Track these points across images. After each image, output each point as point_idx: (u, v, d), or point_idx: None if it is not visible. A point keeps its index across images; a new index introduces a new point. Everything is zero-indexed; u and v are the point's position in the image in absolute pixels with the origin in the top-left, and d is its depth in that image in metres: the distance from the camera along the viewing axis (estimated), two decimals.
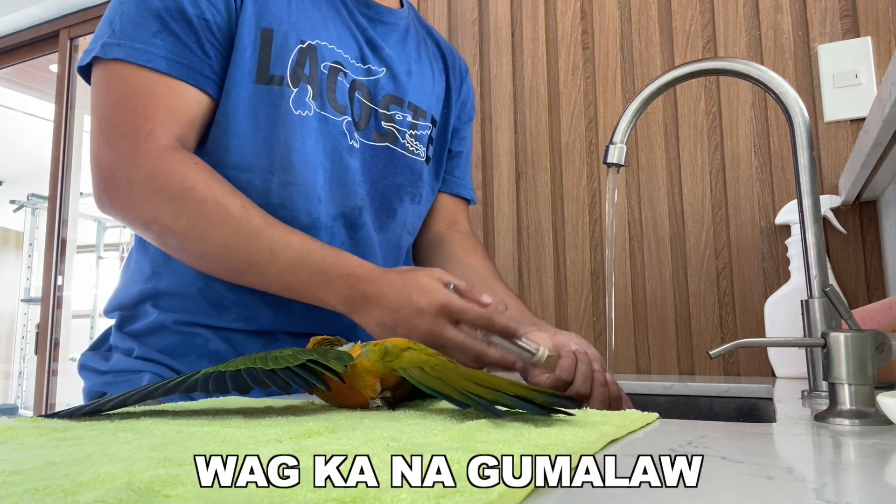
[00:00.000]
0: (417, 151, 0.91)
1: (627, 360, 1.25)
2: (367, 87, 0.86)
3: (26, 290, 4.72)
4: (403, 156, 0.89)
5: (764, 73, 0.73)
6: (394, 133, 0.88)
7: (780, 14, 1.20)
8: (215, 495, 0.24)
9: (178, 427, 0.42)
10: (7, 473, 0.28)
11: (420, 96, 0.92)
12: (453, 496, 0.24)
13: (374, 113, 0.86)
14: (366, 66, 0.86)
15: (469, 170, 1.05)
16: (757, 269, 1.17)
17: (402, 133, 0.89)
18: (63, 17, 2.31)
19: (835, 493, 0.26)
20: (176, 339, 0.78)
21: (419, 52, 0.95)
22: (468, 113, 1.04)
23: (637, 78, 1.31)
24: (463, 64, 1.04)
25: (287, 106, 0.77)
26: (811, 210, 0.69)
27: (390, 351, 0.51)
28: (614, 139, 0.80)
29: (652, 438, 0.40)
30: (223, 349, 0.78)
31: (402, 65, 0.90)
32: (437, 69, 0.97)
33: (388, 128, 0.88)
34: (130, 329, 0.80)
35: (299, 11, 0.81)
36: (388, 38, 0.90)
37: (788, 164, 1.17)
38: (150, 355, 0.78)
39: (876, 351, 0.46)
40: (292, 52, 0.78)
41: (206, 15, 0.75)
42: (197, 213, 0.69)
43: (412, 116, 0.90)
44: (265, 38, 0.77)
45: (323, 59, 0.81)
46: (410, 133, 0.90)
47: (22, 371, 4.81)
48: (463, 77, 1.02)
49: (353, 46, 0.85)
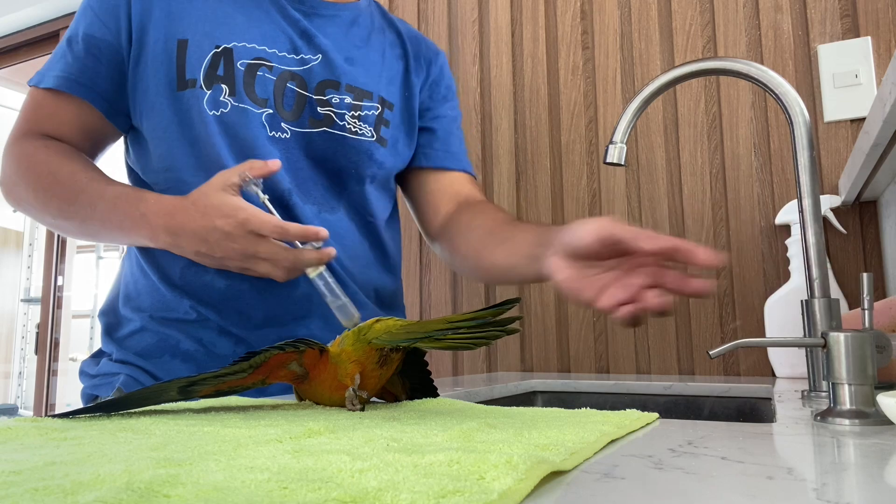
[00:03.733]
0: (361, 132, 0.91)
1: (627, 360, 1.25)
2: (300, 76, 0.89)
3: (26, 290, 4.71)
4: (344, 137, 0.90)
5: (764, 73, 0.73)
6: (331, 116, 0.90)
7: (780, 14, 1.20)
8: (215, 495, 0.24)
9: (178, 427, 0.42)
10: (7, 473, 0.28)
11: (363, 79, 0.93)
12: (453, 496, 0.24)
13: (308, 101, 0.89)
14: (298, 56, 0.89)
15: (454, 143, 1.03)
16: (757, 269, 1.17)
17: (341, 115, 0.90)
18: (63, 17, 2.31)
19: (835, 493, 0.26)
20: (151, 342, 0.84)
21: (367, 40, 0.96)
22: (441, 93, 1.03)
23: (637, 78, 1.31)
24: (432, 50, 1.04)
25: (202, 107, 0.85)
26: (811, 210, 0.69)
27: (362, 328, 0.54)
28: (614, 139, 0.80)
29: (652, 438, 0.40)
30: (193, 349, 0.83)
31: (341, 51, 0.92)
32: (391, 55, 0.98)
33: (324, 112, 0.90)
34: (114, 334, 0.87)
35: (216, 19, 0.88)
36: (326, 28, 0.92)
37: (788, 164, 1.17)
38: (127, 358, 0.84)
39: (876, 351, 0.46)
40: (206, 57, 0.85)
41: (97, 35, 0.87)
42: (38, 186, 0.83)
43: (353, 98, 0.91)
44: (180, 48, 0.86)
45: (240, 58, 0.87)
46: (351, 115, 0.91)
47: (22, 371, 4.81)
48: (431, 60, 1.02)
49: (282, 40, 0.89)
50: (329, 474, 0.27)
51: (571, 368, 1.29)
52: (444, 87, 1.04)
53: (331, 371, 0.54)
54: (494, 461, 0.29)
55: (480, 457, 0.30)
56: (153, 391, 0.50)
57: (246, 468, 0.29)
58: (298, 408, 0.55)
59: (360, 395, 0.53)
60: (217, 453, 0.33)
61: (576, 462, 0.32)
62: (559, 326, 1.31)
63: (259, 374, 0.53)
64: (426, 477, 0.27)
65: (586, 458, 0.34)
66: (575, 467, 0.32)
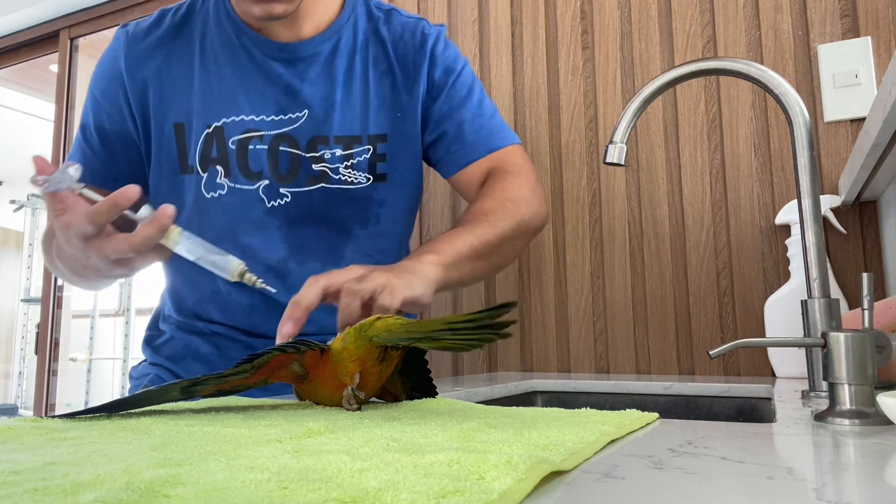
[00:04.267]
0: (357, 180, 0.92)
1: (627, 360, 1.25)
2: (290, 136, 0.90)
3: (26, 290, 4.71)
4: (343, 190, 0.91)
5: (764, 73, 0.73)
6: (325, 172, 0.91)
7: (780, 14, 1.20)
8: (215, 495, 0.24)
9: (178, 427, 0.42)
10: (7, 473, 0.28)
11: (349, 123, 0.91)
12: (453, 496, 0.24)
13: (301, 161, 0.90)
14: (286, 116, 0.90)
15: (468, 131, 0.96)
16: (757, 269, 1.17)
17: (335, 169, 0.91)
18: (63, 17, 2.31)
19: (835, 493, 0.26)
20: (178, 347, 0.95)
21: (349, 71, 0.93)
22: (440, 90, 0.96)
23: (637, 78, 1.31)
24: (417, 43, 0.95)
25: (200, 191, 0.89)
26: (811, 210, 0.69)
27: (363, 325, 0.55)
28: (614, 139, 0.80)
29: (652, 438, 0.40)
30: (210, 353, 0.93)
31: (324, 99, 0.91)
32: (376, 76, 0.94)
33: (319, 168, 0.91)
34: (151, 344, 0.99)
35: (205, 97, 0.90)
36: (308, 73, 0.91)
37: (788, 164, 1.17)
38: (158, 361, 0.96)
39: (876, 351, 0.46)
40: (199, 141, 0.89)
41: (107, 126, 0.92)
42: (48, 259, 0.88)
43: (343, 148, 0.91)
44: (178, 131, 0.90)
45: (231, 136, 0.89)
46: (344, 166, 0.91)
47: (22, 371, 4.81)
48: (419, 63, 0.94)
49: (268, 104, 0.90)
50: (329, 474, 0.27)
51: (571, 368, 1.29)
52: (440, 79, 0.96)
53: (331, 370, 0.54)
54: (494, 461, 0.29)
55: (480, 457, 0.30)
56: (156, 392, 0.50)
57: (246, 468, 0.29)
58: (298, 408, 0.55)
59: (357, 394, 0.53)
60: (217, 453, 0.33)
61: (576, 462, 0.32)
62: (559, 326, 1.31)
63: (261, 374, 0.53)
64: (426, 477, 0.27)
65: (586, 458, 0.34)
66: (575, 467, 0.32)
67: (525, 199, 0.93)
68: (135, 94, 0.91)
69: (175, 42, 0.92)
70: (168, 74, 0.91)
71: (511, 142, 0.99)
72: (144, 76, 0.91)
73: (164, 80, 0.91)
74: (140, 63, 0.91)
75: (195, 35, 0.92)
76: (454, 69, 0.97)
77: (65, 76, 2.30)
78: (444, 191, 1.46)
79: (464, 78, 0.98)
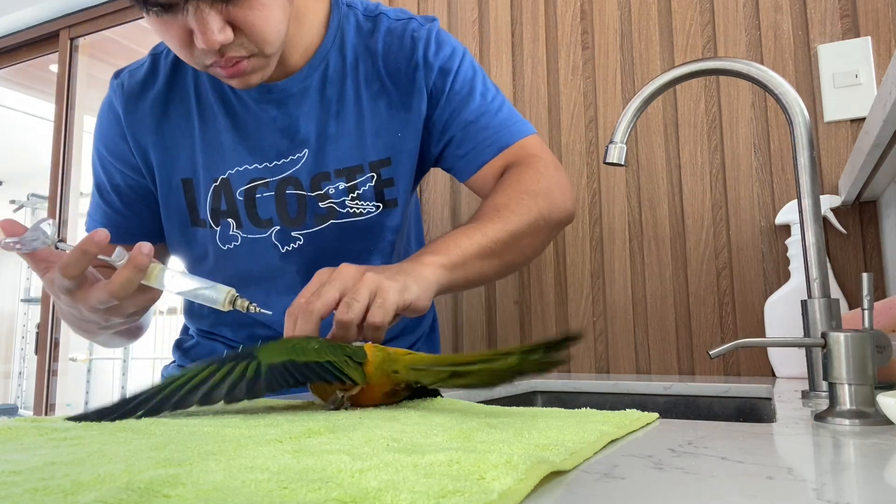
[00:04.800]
0: (366, 209, 0.90)
1: (627, 360, 1.25)
2: (295, 178, 0.88)
3: (26, 290, 4.71)
4: (352, 224, 0.90)
5: (764, 73, 0.73)
6: (332, 208, 0.89)
7: (780, 14, 1.20)
8: (215, 495, 0.24)
9: (178, 427, 0.42)
10: (7, 473, 0.28)
11: (348, 153, 0.88)
12: (453, 496, 0.24)
13: (307, 200, 0.89)
14: (288, 158, 0.88)
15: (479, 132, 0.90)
16: (757, 269, 1.17)
17: (341, 203, 0.89)
18: (63, 17, 2.31)
19: (835, 493, 0.26)
20: (203, 352, 0.98)
21: (342, 98, 0.88)
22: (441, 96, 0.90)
23: (637, 78, 1.31)
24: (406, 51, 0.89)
25: (216, 244, 0.90)
26: (811, 210, 0.69)
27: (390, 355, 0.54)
28: (614, 139, 0.80)
29: (652, 438, 0.40)
30: None
31: (319, 134, 0.88)
32: (368, 96, 0.89)
33: (326, 206, 0.89)
34: (181, 346, 1.02)
35: (207, 149, 0.89)
36: (301, 109, 0.88)
37: (788, 164, 1.17)
38: (186, 363, 1.00)
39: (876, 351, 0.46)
40: (208, 195, 0.89)
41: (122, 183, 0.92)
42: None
43: (345, 180, 0.89)
44: (186, 186, 0.90)
45: (237, 187, 0.88)
46: (350, 198, 0.89)
47: (22, 371, 4.81)
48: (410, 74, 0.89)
49: (268, 149, 0.88)
50: (329, 474, 0.27)
51: (571, 368, 1.29)
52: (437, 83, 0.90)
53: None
54: (494, 461, 0.29)
55: (480, 457, 0.30)
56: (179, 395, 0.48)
57: (246, 468, 0.29)
58: (298, 408, 0.55)
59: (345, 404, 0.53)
60: (217, 453, 0.33)
61: (576, 462, 0.32)
62: (559, 326, 1.31)
63: None
64: (426, 477, 0.27)
65: (586, 458, 0.34)
66: (575, 467, 0.32)
67: (544, 191, 0.85)
68: (139, 152, 0.90)
69: (171, 95, 0.90)
70: (169, 132, 0.90)
71: (523, 134, 0.91)
72: (145, 134, 0.90)
73: (166, 136, 0.90)
74: (140, 122, 0.90)
75: (189, 84, 0.90)
76: (450, 69, 0.90)
77: (65, 76, 2.30)
78: (444, 191, 1.46)
79: (463, 75, 0.91)
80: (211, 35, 0.70)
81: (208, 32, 0.70)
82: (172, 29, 0.72)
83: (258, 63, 0.77)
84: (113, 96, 0.92)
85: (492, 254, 0.79)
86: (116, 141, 0.91)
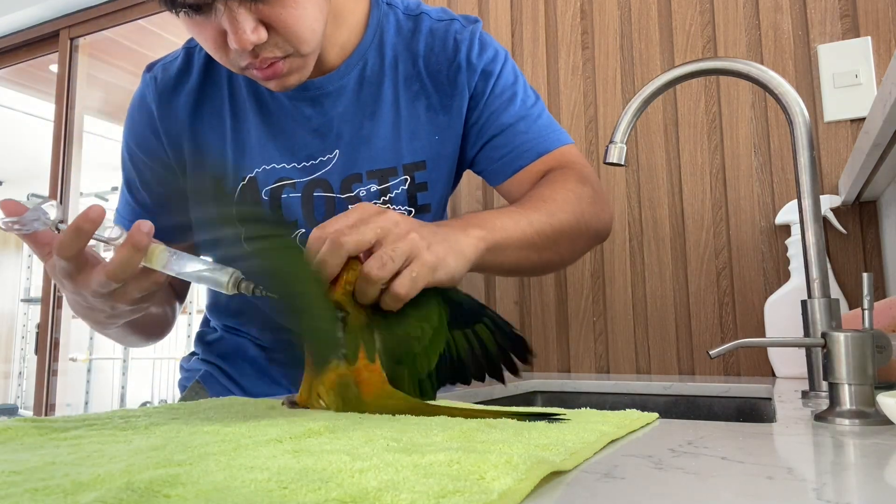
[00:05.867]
0: None
1: (627, 360, 1.25)
2: (324, 180, 0.86)
3: (26, 290, 4.72)
4: None
5: (764, 73, 0.73)
6: None
7: (780, 14, 1.20)
8: (215, 495, 0.24)
9: (178, 427, 0.42)
10: (7, 473, 0.28)
11: (382, 156, 0.86)
12: (453, 496, 0.24)
13: (336, 203, 0.86)
14: (317, 160, 0.86)
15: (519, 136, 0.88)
16: (757, 269, 1.17)
17: None
18: (63, 17, 2.31)
19: (835, 493, 0.26)
20: (228, 347, 0.98)
21: (378, 99, 0.86)
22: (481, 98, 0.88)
23: (637, 78, 1.31)
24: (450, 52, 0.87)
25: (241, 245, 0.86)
26: (811, 210, 0.69)
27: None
28: (614, 139, 0.80)
29: (652, 438, 0.40)
30: (257, 355, 0.96)
31: (354, 135, 0.86)
32: (407, 98, 0.87)
33: None
34: (204, 339, 1.02)
35: (237, 146, 0.87)
36: (336, 108, 0.86)
37: (788, 164, 1.17)
38: (210, 358, 0.99)
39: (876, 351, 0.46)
40: (236, 192, 0.86)
41: (151, 180, 0.90)
42: None
43: (378, 182, 0.86)
44: None
45: (263, 186, 0.86)
46: (382, 201, 0.86)
47: (22, 371, 4.81)
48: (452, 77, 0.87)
49: (298, 149, 0.86)
50: (329, 474, 0.27)
51: (571, 368, 1.29)
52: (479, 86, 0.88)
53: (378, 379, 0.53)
54: (494, 461, 0.29)
55: (480, 457, 0.30)
56: None
57: (246, 468, 0.29)
58: (298, 408, 0.55)
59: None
60: (217, 453, 0.33)
61: (576, 462, 0.32)
62: (559, 326, 1.31)
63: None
64: (426, 477, 0.27)
65: (586, 458, 0.34)
66: (575, 467, 0.32)
67: (589, 196, 0.83)
68: (172, 148, 0.88)
69: (204, 91, 0.88)
70: (202, 128, 0.88)
71: (562, 143, 0.89)
72: (179, 130, 0.88)
73: (199, 133, 0.88)
74: (174, 118, 0.88)
75: (222, 81, 0.88)
76: (493, 72, 0.88)
77: (65, 76, 2.30)
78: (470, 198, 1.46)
79: (504, 79, 0.89)
80: (243, 35, 0.68)
81: (240, 32, 0.68)
82: (206, 31, 0.71)
83: (295, 64, 0.75)
84: (146, 90, 0.89)
85: (532, 246, 0.75)
86: (148, 136, 0.89)
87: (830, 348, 0.47)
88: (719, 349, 0.52)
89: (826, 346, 0.47)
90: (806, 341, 0.52)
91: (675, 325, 1.21)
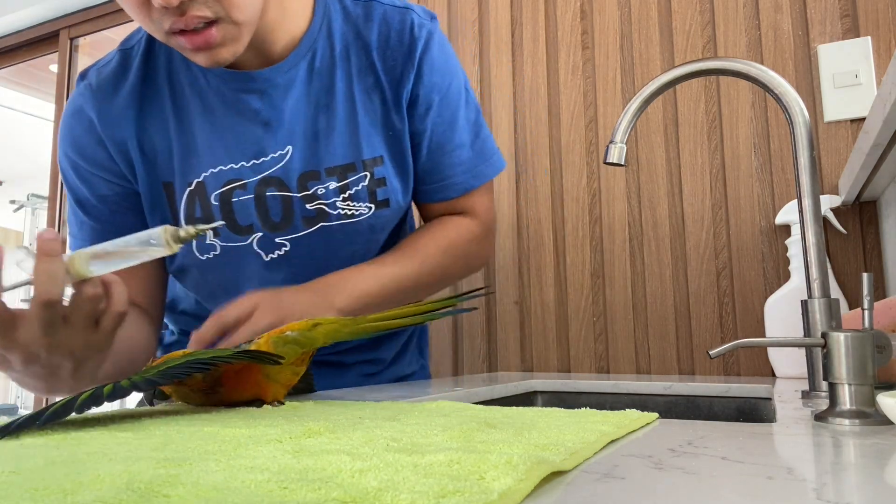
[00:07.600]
0: (359, 211, 0.84)
1: (627, 360, 1.25)
2: (277, 178, 0.81)
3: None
4: (342, 226, 0.84)
5: (764, 73, 0.73)
6: (322, 210, 0.83)
7: (780, 14, 1.20)
8: (215, 495, 0.24)
9: (178, 427, 0.42)
10: (7, 473, 0.28)
11: (340, 150, 0.83)
12: (453, 496, 0.24)
13: (293, 202, 0.82)
14: (268, 157, 0.81)
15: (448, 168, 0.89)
16: (757, 269, 1.17)
17: (332, 204, 0.83)
18: (63, 17, 2.31)
19: (835, 493, 0.26)
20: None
21: (331, 89, 0.83)
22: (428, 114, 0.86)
23: (637, 78, 1.31)
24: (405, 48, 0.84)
25: (194, 255, 0.83)
26: (811, 210, 0.69)
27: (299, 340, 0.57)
28: (614, 139, 0.80)
29: (652, 438, 0.40)
30: None
31: (307, 129, 0.82)
32: (363, 95, 0.84)
33: (315, 208, 0.82)
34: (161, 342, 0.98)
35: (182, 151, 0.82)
36: (286, 100, 0.81)
37: (788, 164, 1.17)
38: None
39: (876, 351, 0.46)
40: (183, 201, 0.82)
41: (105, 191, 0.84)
42: None
43: (337, 179, 0.82)
44: (168, 190, 0.84)
45: (212, 191, 0.82)
46: (342, 199, 0.83)
47: None
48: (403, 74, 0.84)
49: (246, 147, 0.81)
50: (329, 474, 0.27)
51: (571, 368, 1.29)
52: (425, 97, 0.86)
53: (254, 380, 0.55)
54: (494, 461, 0.29)
55: (480, 457, 0.30)
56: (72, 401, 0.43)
57: (246, 468, 0.29)
58: (298, 408, 0.55)
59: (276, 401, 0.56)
60: (217, 453, 0.33)
61: (576, 462, 0.32)
62: (559, 326, 1.31)
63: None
64: (426, 477, 0.27)
65: (586, 458, 0.34)
66: (575, 467, 0.32)
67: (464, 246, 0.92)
68: (120, 155, 0.82)
69: (145, 92, 0.82)
70: (145, 132, 0.82)
71: (489, 177, 0.93)
72: (124, 133, 0.82)
73: (143, 138, 0.82)
74: (116, 121, 0.82)
75: (162, 78, 0.83)
76: (441, 87, 0.86)
77: (65, 76, 2.30)
78: None
79: (452, 96, 0.88)
80: None
81: None
82: None
83: (228, 32, 0.69)
84: (82, 101, 0.83)
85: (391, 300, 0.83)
86: (94, 148, 0.82)
87: (830, 348, 0.47)
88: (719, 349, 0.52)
89: (826, 346, 0.47)
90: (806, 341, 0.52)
91: (674, 325, 1.21)
